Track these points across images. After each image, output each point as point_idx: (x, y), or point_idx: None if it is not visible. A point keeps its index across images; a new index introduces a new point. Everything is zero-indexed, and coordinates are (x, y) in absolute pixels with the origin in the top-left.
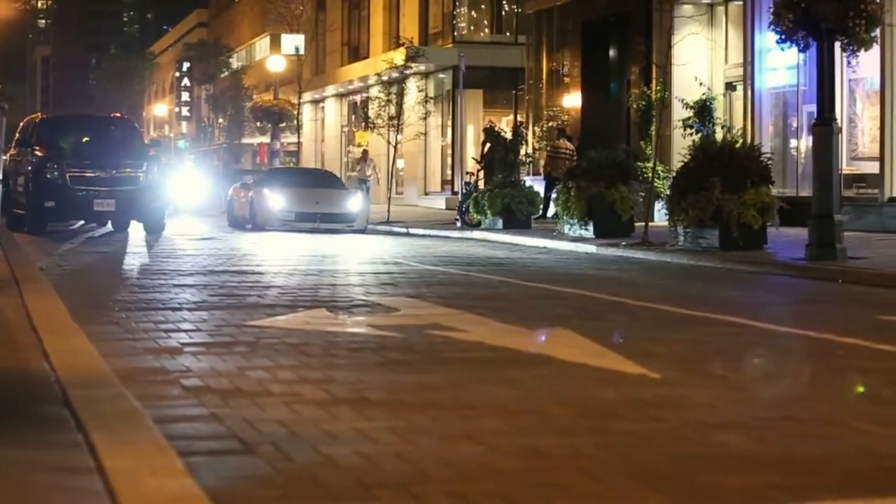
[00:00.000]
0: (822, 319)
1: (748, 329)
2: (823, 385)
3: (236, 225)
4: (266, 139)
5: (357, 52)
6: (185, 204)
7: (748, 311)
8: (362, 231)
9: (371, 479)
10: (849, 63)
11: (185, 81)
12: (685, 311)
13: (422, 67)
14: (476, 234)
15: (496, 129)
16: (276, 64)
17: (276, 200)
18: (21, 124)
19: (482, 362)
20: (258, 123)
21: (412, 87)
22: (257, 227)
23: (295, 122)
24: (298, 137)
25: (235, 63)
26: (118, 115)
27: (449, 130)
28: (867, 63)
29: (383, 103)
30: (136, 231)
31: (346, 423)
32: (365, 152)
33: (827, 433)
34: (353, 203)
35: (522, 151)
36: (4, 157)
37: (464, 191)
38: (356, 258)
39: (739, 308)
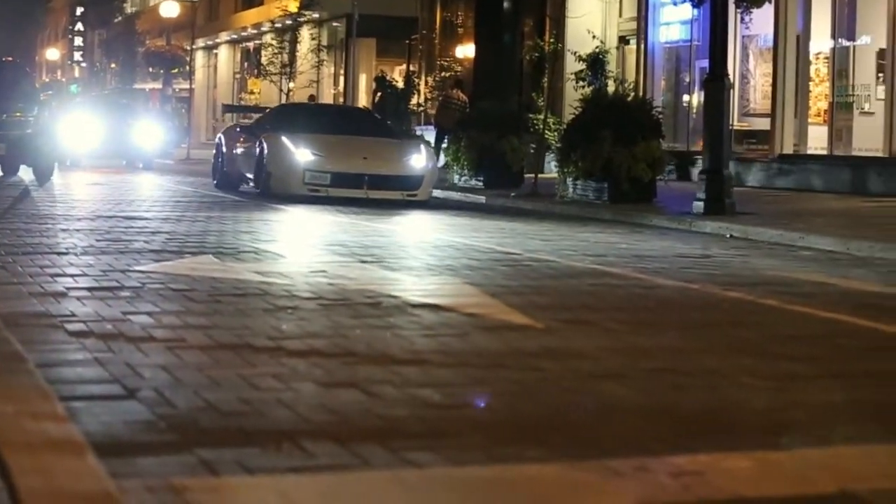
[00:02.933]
0: (707, 273)
1: (634, 281)
2: (706, 338)
3: (228, 185)
4: (158, 85)
5: None
6: (82, 150)
7: (634, 264)
8: (425, 202)
9: (252, 425)
10: (742, 20)
11: (79, 26)
12: (571, 262)
13: (315, 15)
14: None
15: (388, 78)
16: (170, 9)
17: (301, 153)
18: None
19: (367, 309)
20: (150, 69)
21: (306, 35)
22: (269, 192)
23: (187, 68)
24: (191, 84)
25: (129, 8)
26: (9, 59)
27: (342, 79)
28: (761, 20)
29: (276, 51)
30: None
31: (229, 370)
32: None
33: (709, 385)
34: (417, 159)
35: (414, 101)
36: None
37: None
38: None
39: (625, 260)
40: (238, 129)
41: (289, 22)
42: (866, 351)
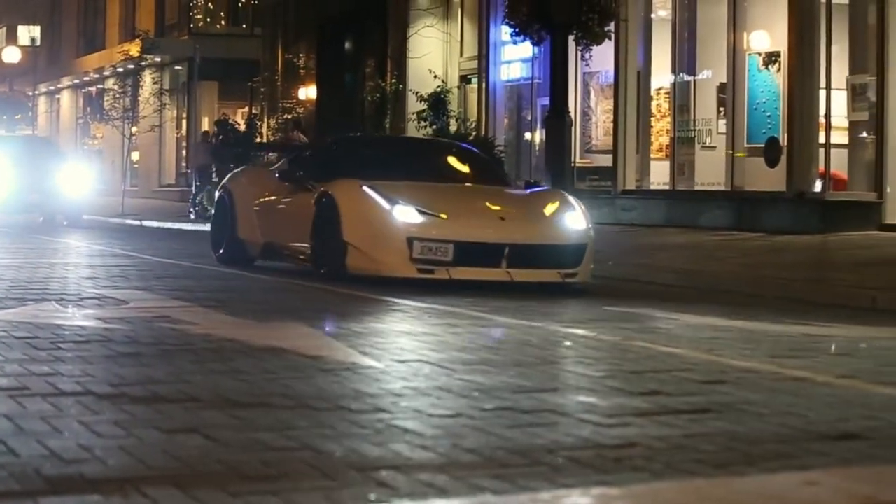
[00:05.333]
0: (548, 310)
1: (476, 321)
2: (549, 376)
3: (240, 259)
4: (2, 131)
5: (93, 43)
6: None
7: (471, 304)
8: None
9: (94, 472)
10: (583, 57)
11: None
12: (417, 303)
13: (157, 59)
14: (209, 226)
15: (229, 121)
16: (12, 55)
17: (402, 212)
18: None
19: (209, 354)
20: None
21: (148, 78)
22: (342, 273)
23: (30, 113)
24: (33, 129)
25: None
26: None
27: (184, 123)
28: (602, 57)
29: (118, 95)
30: None
31: (72, 417)
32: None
33: (549, 423)
34: (573, 218)
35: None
36: None
37: (196, 183)
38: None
39: (459, 301)
40: (268, 175)
41: (131, 66)
42: (703, 384)
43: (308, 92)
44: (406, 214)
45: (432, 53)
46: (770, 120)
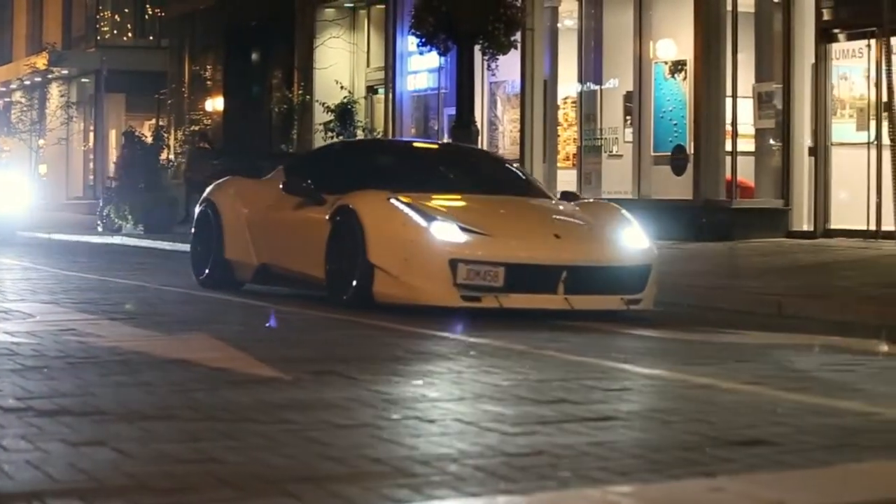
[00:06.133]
0: (454, 322)
1: (387, 331)
2: (456, 385)
3: (225, 282)
4: None
5: (0, 56)
6: None
7: (388, 316)
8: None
9: (1, 487)
10: (489, 67)
11: None
12: (323, 314)
13: (64, 72)
14: (117, 238)
15: (136, 133)
16: None
17: (442, 229)
18: None
19: (116, 366)
20: None
21: (55, 91)
22: (366, 300)
23: None
24: None
25: None
26: None
27: (91, 135)
28: (508, 66)
29: (25, 108)
30: None
31: None
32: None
33: (455, 432)
34: (632, 235)
35: (164, 156)
36: None
37: (104, 196)
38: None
39: (377, 312)
40: (263, 186)
41: (38, 79)
42: (609, 392)
43: (215, 104)
44: (447, 232)
45: (339, 64)
46: (677, 128)
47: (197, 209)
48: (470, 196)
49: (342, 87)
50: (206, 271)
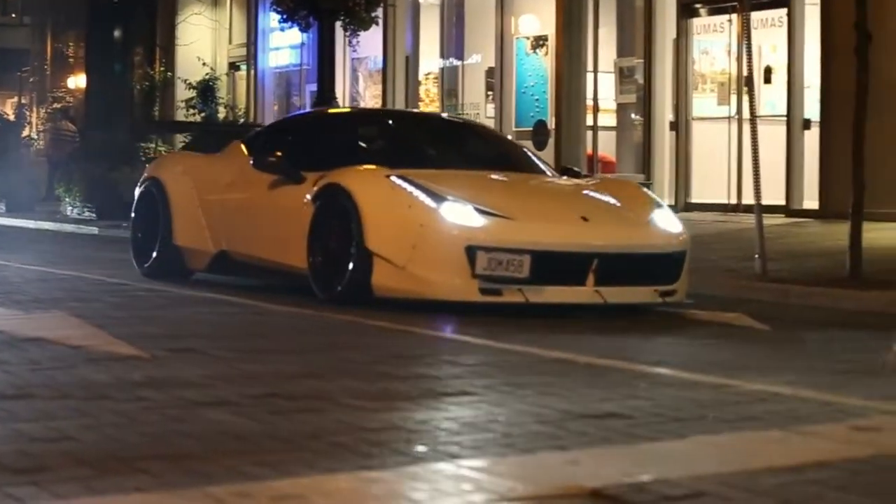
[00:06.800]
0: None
1: (249, 308)
2: (316, 362)
3: (172, 272)
4: None
5: None
6: None
7: (247, 292)
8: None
9: None
10: (350, 43)
11: None
12: (187, 291)
13: None
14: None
15: None
16: None
17: (457, 212)
18: None
19: None
20: None
21: None
22: (363, 293)
23: None
24: None
25: None
26: None
27: None
28: (371, 42)
29: None
30: None
31: None
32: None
33: (313, 409)
34: (663, 217)
35: (25, 133)
36: None
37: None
38: None
39: (237, 288)
40: (220, 161)
41: None
42: (472, 367)
43: (77, 81)
44: (462, 215)
45: (201, 41)
46: (538, 103)
47: (137, 190)
48: (475, 173)
49: (204, 64)
50: (152, 260)
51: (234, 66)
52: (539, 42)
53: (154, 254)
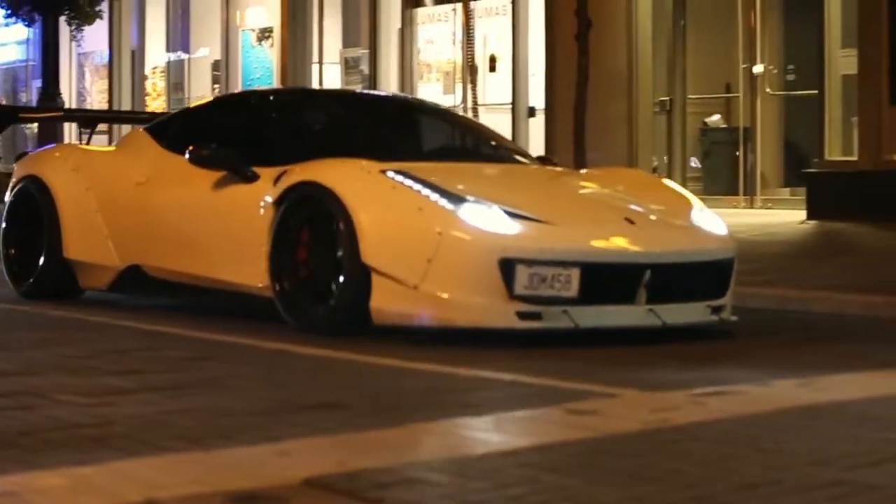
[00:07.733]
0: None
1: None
2: (31, 359)
3: (57, 291)
4: None
5: None
6: None
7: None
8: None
9: None
10: (74, 38)
11: None
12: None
13: None
14: None
15: None
16: None
17: (488, 217)
18: None
19: None
20: None
21: None
22: (354, 317)
23: None
24: None
25: None
26: None
27: None
28: (97, 37)
29: None
30: None
31: None
32: None
33: (26, 406)
34: (707, 218)
35: None
36: None
37: None
38: None
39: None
40: (128, 155)
41: None
42: (189, 360)
43: None
44: (489, 219)
45: None
46: None
47: (9, 194)
48: (475, 165)
49: None
50: (33, 278)
51: None
52: (265, 34)
53: (37, 270)
